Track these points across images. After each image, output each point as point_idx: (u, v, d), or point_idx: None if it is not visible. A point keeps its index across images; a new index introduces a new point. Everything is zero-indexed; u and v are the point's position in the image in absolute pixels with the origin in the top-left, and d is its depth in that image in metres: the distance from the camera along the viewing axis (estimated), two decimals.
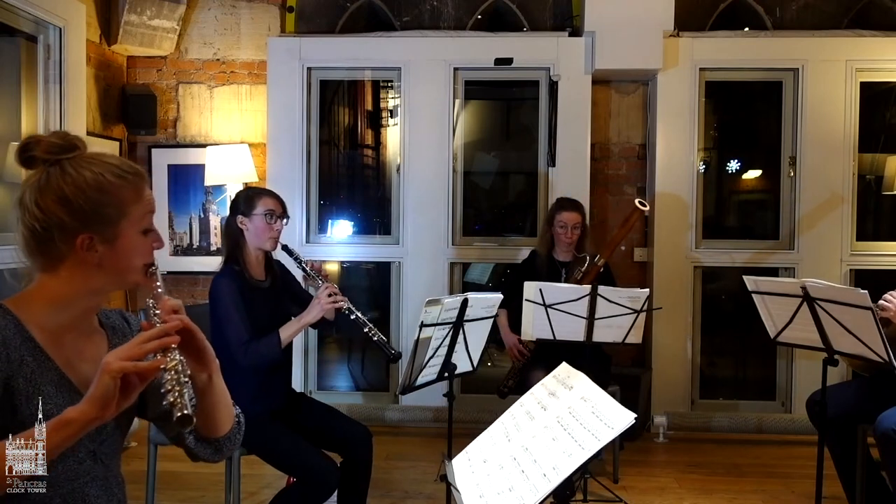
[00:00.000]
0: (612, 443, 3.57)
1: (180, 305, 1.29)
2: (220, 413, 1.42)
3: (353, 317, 2.71)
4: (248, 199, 2.74)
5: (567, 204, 3.78)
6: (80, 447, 1.29)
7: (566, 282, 3.63)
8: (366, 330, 2.70)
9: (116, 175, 1.31)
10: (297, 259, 2.82)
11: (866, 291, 2.53)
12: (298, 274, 3.03)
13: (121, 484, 1.42)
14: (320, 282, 2.75)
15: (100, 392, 1.12)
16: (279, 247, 2.79)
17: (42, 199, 1.28)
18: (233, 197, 2.86)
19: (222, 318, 2.60)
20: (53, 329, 1.30)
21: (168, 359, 1.18)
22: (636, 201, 3.56)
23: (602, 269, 3.60)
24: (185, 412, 1.14)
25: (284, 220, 2.78)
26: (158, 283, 1.32)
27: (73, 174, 1.28)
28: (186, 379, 1.18)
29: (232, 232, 2.75)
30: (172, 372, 1.17)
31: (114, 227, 1.30)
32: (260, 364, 2.61)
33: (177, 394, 1.15)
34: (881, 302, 2.72)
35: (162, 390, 1.15)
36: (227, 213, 2.84)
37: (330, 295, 2.68)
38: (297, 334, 2.70)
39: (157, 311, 1.27)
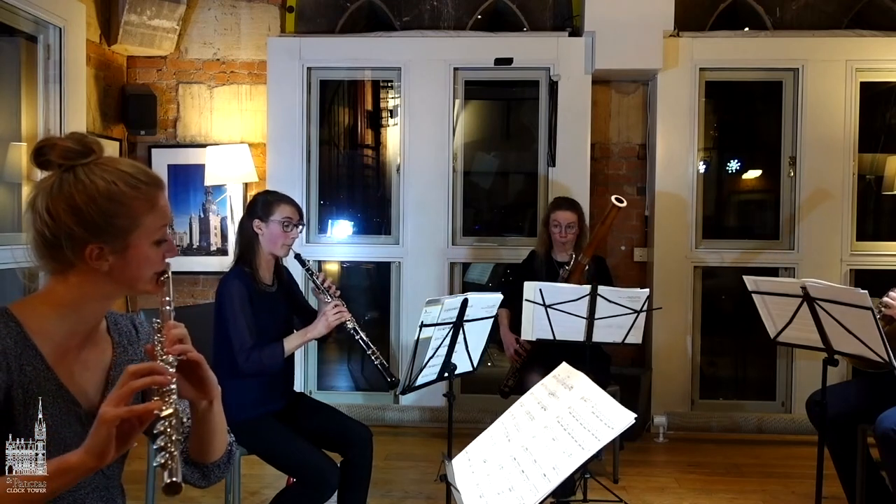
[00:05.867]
0: (612, 443, 3.57)
1: (185, 334, 1.27)
2: (215, 439, 1.40)
3: (357, 337, 2.73)
4: (266, 203, 2.74)
5: (562, 203, 3.77)
6: None
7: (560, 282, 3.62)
8: (369, 352, 2.74)
9: (130, 185, 1.28)
10: (308, 270, 2.81)
11: (866, 291, 2.53)
12: (303, 282, 3.03)
13: (122, 494, 1.42)
14: (329, 297, 2.74)
15: (96, 443, 1.11)
16: (292, 255, 2.80)
17: (53, 205, 1.25)
18: (251, 198, 2.86)
19: (228, 321, 2.61)
20: (58, 336, 1.28)
21: (164, 404, 1.15)
22: (612, 198, 3.53)
23: (587, 267, 3.57)
24: (175, 479, 1.10)
25: (300, 228, 2.79)
26: (168, 299, 1.30)
27: (85, 182, 1.25)
28: (181, 437, 1.14)
29: (246, 234, 2.75)
30: (167, 424, 1.13)
31: (125, 238, 1.28)
32: (260, 372, 2.61)
33: (167, 456, 1.11)
34: (885, 299, 2.72)
35: (154, 445, 1.12)
36: (244, 213, 2.84)
37: (337, 313, 2.69)
38: (300, 347, 2.72)
39: (161, 339, 1.24)
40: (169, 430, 1.13)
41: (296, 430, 2.66)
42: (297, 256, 2.82)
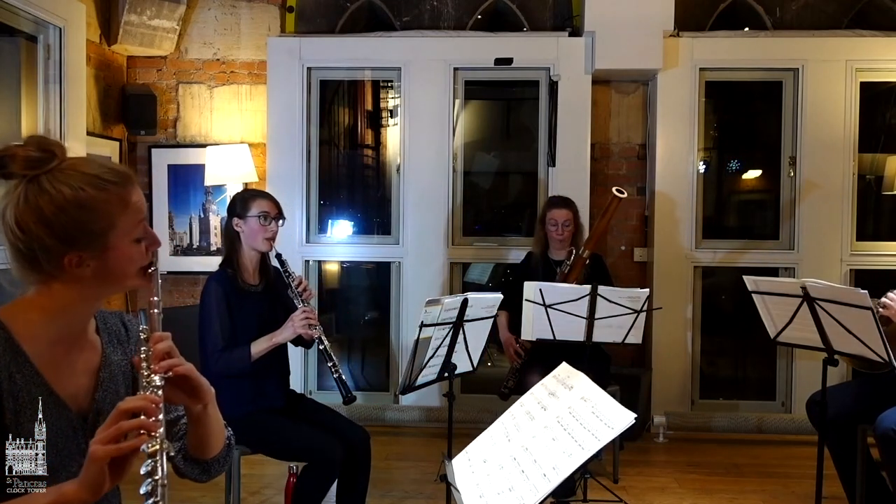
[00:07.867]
0: (612, 443, 3.57)
1: (171, 347, 1.24)
2: (212, 438, 1.39)
3: (321, 347, 2.72)
4: (243, 201, 2.77)
5: (558, 201, 3.78)
6: (73, 463, 1.26)
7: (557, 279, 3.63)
8: (329, 364, 2.73)
9: (98, 187, 1.22)
10: (286, 272, 2.79)
11: (866, 291, 2.53)
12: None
13: (117, 494, 1.42)
14: (300, 303, 2.74)
15: (89, 479, 1.11)
16: (275, 253, 2.79)
17: (22, 218, 1.19)
18: (230, 199, 2.87)
19: (203, 322, 2.64)
20: (46, 341, 1.25)
21: (150, 439, 1.12)
22: (613, 189, 3.54)
23: (588, 261, 3.58)
24: None
25: (280, 222, 2.79)
26: (156, 299, 1.26)
27: (51, 192, 1.19)
28: (166, 482, 1.13)
29: (229, 234, 2.78)
30: (153, 464, 1.12)
31: (102, 241, 1.23)
32: (228, 373, 2.61)
33: (158, 498, 1.11)
34: (883, 300, 2.72)
35: (141, 490, 1.11)
36: (226, 215, 2.85)
37: (305, 320, 2.68)
38: (267, 351, 2.69)
39: (149, 353, 1.22)
40: (157, 476, 1.11)
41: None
42: (278, 256, 2.80)
